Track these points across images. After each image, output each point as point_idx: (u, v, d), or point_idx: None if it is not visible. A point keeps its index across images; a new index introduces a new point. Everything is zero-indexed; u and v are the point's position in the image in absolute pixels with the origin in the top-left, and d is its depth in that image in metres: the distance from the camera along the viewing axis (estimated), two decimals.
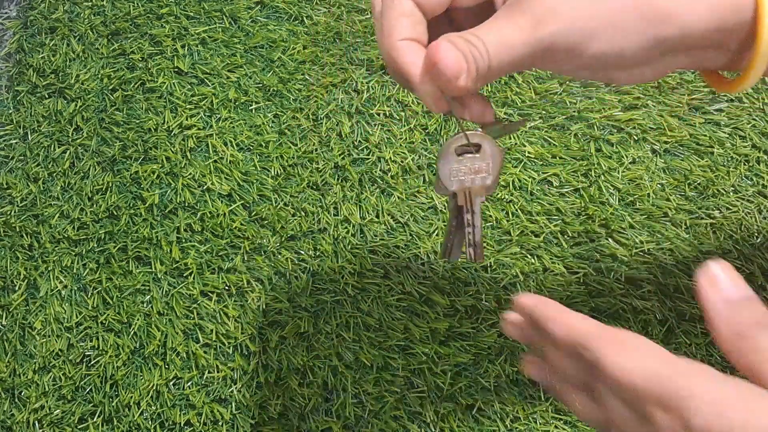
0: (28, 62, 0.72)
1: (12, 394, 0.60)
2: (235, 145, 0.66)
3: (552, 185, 0.63)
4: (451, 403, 0.57)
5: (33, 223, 0.65)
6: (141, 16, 0.73)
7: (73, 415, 0.58)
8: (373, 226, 0.63)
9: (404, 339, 0.58)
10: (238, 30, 0.72)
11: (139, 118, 0.68)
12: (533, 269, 0.60)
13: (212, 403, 0.58)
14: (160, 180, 0.66)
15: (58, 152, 0.68)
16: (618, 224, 0.61)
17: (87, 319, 0.61)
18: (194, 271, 0.62)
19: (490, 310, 0.59)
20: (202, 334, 0.60)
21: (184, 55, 0.71)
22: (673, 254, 0.61)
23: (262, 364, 0.59)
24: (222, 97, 0.69)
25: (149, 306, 0.61)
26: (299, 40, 0.71)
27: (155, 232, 0.64)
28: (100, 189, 0.66)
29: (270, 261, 0.62)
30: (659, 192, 0.63)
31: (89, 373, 0.60)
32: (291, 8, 0.72)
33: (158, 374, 0.59)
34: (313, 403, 0.57)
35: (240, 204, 0.64)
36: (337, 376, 0.58)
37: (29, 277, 0.63)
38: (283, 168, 0.65)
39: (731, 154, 0.64)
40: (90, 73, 0.71)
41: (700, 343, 0.57)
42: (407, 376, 0.58)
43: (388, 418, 0.56)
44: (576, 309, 0.62)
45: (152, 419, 0.58)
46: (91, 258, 0.63)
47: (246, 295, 0.61)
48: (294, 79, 0.69)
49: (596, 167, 0.64)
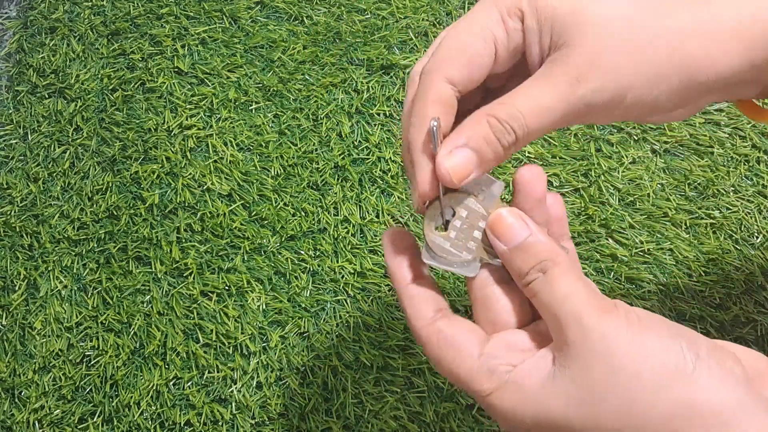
0: (28, 62, 0.72)
1: (12, 394, 0.60)
2: (235, 145, 0.66)
3: (552, 185, 0.63)
4: (451, 403, 0.57)
5: (33, 223, 0.65)
6: (141, 16, 0.73)
7: (73, 415, 0.58)
8: (373, 226, 0.63)
9: (404, 339, 0.58)
10: (238, 30, 0.72)
11: (139, 118, 0.68)
12: None
13: (212, 403, 0.58)
14: (160, 180, 0.66)
15: (58, 152, 0.68)
16: (618, 224, 0.61)
17: (87, 319, 0.61)
18: (194, 271, 0.62)
19: None
20: (202, 334, 0.60)
21: (184, 55, 0.71)
22: (673, 254, 0.61)
23: (262, 364, 0.59)
24: (222, 97, 0.69)
25: (149, 306, 0.61)
26: (299, 40, 0.71)
27: (155, 232, 0.64)
28: (100, 189, 0.66)
29: (270, 261, 0.62)
30: (659, 192, 0.63)
31: (89, 373, 0.60)
32: (291, 8, 0.72)
33: (158, 374, 0.59)
34: (313, 403, 0.57)
35: (240, 204, 0.64)
36: (337, 376, 0.58)
37: (29, 277, 0.63)
38: (283, 168, 0.65)
39: (731, 154, 0.64)
40: (90, 73, 0.71)
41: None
42: (407, 376, 0.58)
43: (388, 418, 0.56)
44: None
45: (152, 419, 0.58)
46: (91, 258, 0.63)
47: (246, 295, 0.61)
48: (294, 79, 0.69)
49: (596, 167, 0.64)
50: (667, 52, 0.29)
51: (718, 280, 0.60)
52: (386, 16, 0.72)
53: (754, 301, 0.59)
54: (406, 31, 0.71)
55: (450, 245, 0.32)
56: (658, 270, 0.60)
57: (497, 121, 0.29)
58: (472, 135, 0.30)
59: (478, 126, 0.30)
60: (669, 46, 0.29)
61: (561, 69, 0.29)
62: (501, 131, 0.29)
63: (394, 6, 0.72)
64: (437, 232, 0.32)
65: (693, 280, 0.60)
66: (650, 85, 0.29)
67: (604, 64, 0.29)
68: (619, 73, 0.29)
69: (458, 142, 0.29)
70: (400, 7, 0.72)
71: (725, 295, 0.59)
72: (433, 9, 0.72)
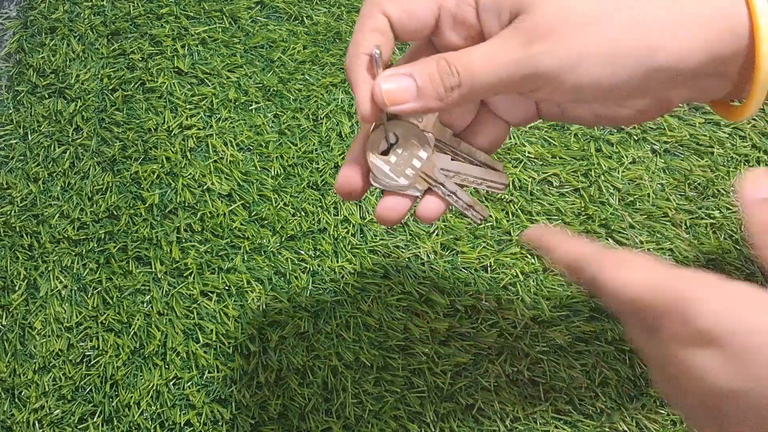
0: (28, 62, 0.72)
1: (12, 394, 0.60)
2: (235, 145, 0.66)
3: (552, 185, 0.63)
4: (451, 403, 0.57)
5: (33, 223, 0.65)
6: (141, 16, 0.73)
7: (73, 415, 0.58)
8: (373, 226, 0.63)
9: (404, 339, 0.58)
10: (238, 30, 0.72)
11: (139, 118, 0.68)
12: (533, 269, 0.60)
13: (212, 403, 0.58)
14: (160, 180, 0.66)
15: (58, 152, 0.68)
16: (618, 224, 0.61)
17: (87, 319, 0.61)
18: (194, 271, 0.62)
19: (490, 310, 0.59)
20: (202, 334, 0.60)
21: (184, 55, 0.71)
22: (673, 254, 0.61)
23: (262, 364, 0.59)
24: (222, 97, 0.69)
25: (149, 306, 0.61)
26: (299, 40, 0.71)
27: (155, 232, 0.64)
28: (100, 189, 0.66)
29: (270, 261, 0.62)
30: (659, 192, 0.63)
31: (89, 373, 0.60)
32: (291, 8, 0.72)
33: (158, 374, 0.59)
34: (313, 403, 0.57)
35: (240, 204, 0.64)
36: (337, 376, 0.58)
37: (29, 277, 0.63)
38: (283, 168, 0.65)
39: (731, 154, 0.64)
40: (90, 73, 0.71)
41: None
42: (407, 376, 0.58)
43: (388, 418, 0.56)
44: (576, 309, 0.62)
45: (152, 419, 0.58)
46: (91, 258, 0.63)
47: (246, 295, 0.61)
48: (294, 79, 0.69)
49: (596, 167, 0.64)
50: (624, 31, 0.29)
51: None
52: None
53: None
54: None
55: (389, 169, 0.35)
56: None
57: (446, 63, 0.31)
58: (418, 68, 0.32)
59: (426, 62, 0.32)
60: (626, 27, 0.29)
61: (514, 32, 0.30)
62: (446, 72, 0.31)
63: None
64: (380, 155, 0.35)
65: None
66: (603, 62, 0.29)
67: (556, 31, 0.29)
68: (571, 41, 0.29)
69: (402, 70, 0.32)
70: None
71: None
72: None
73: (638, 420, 0.55)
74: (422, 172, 0.35)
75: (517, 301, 0.59)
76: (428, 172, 0.35)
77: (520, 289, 0.60)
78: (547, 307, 0.59)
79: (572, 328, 0.58)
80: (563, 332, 0.58)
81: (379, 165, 0.35)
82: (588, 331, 0.58)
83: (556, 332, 0.58)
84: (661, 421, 0.55)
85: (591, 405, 0.56)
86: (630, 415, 0.56)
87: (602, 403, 0.56)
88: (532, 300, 0.59)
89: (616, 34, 0.29)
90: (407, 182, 0.35)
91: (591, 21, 0.29)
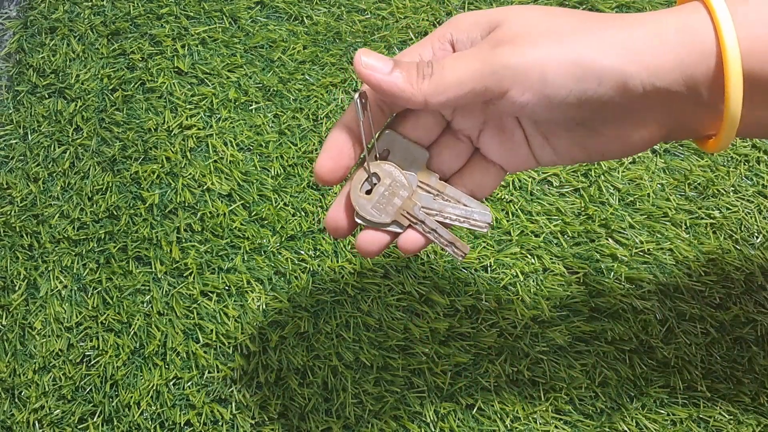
0: (28, 62, 0.72)
1: (12, 394, 0.60)
2: (235, 145, 0.66)
3: (552, 185, 0.63)
4: (451, 403, 0.57)
5: (33, 223, 0.65)
6: (141, 16, 0.73)
7: (73, 415, 0.58)
8: None
9: (404, 339, 0.58)
10: (238, 30, 0.72)
11: (139, 118, 0.68)
12: (533, 269, 0.60)
13: (212, 403, 0.58)
14: (160, 180, 0.66)
15: (58, 152, 0.68)
16: (618, 224, 0.61)
17: (87, 319, 0.61)
18: (194, 271, 0.62)
19: (490, 310, 0.59)
20: (202, 334, 0.60)
21: (184, 55, 0.71)
22: (673, 254, 0.61)
23: (262, 364, 0.59)
24: (222, 97, 0.69)
25: (149, 306, 0.61)
26: (299, 40, 0.71)
27: (155, 232, 0.64)
28: (100, 189, 0.66)
29: (270, 261, 0.62)
30: (659, 192, 0.63)
31: (89, 373, 0.60)
32: (291, 8, 0.72)
33: (158, 374, 0.59)
34: (313, 403, 0.57)
35: (240, 204, 0.64)
36: (337, 376, 0.58)
37: (29, 277, 0.63)
38: (283, 168, 0.65)
39: (731, 154, 0.64)
40: (90, 73, 0.71)
41: (700, 343, 0.57)
42: (407, 376, 0.58)
43: (388, 418, 0.56)
44: (576, 309, 0.62)
45: (152, 419, 0.58)
46: (91, 258, 0.63)
47: (246, 295, 0.61)
48: (294, 79, 0.69)
49: (596, 167, 0.64)
50: (592, 44, 0.31)
51: (718, 280, 0.60)
52: (386, 16, 0.72)
53: (754, 301, 0.59)
54: (406, 31, 0.71)
55: (371, 207, 0.37)
56: (658, 270, 0.60)
57: (425, 61, 0.34)
58: (398, 57, 0.35)
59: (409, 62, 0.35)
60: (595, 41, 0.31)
61: (484, 42, 0.34)
62: (422, 65, 0.34)
63: (394, 6, 0.72)
64: (363, 195, 0.37)
65: (693, 280, 0.60)
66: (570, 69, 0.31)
67: (521, 36, 0.32)
68: (536, 45, 0.31)
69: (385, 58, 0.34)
70: (400, 7, 0.72)
71: (725, 295, 0.59)
72: (433, 9, 0.72)
73: (638, 420, 0.55)
74: (403, 210, 0.37)
75: (517, 301, 0.59)
76: (408, 210, 0.37)
77: (520, 289, 0.60)
78: (547, 307, 0.59)
79: (572, 328, 0.58)
80: (563, 332, 0.58)
81: (362, 203, 0.37)
82: (588, 331, 0.58)
83: (556, 332, 0.58)
84: (661, 421, 0.55)
85: (591, 405, 0.56)
86: (630, 415, 0.56)
87: (602, 403, 0.56)
88: (532, 300, 0.59)
89: (581, 47, 0.31)
90: (389, 219, 0.37)
91: (556, 34, 0.32)
